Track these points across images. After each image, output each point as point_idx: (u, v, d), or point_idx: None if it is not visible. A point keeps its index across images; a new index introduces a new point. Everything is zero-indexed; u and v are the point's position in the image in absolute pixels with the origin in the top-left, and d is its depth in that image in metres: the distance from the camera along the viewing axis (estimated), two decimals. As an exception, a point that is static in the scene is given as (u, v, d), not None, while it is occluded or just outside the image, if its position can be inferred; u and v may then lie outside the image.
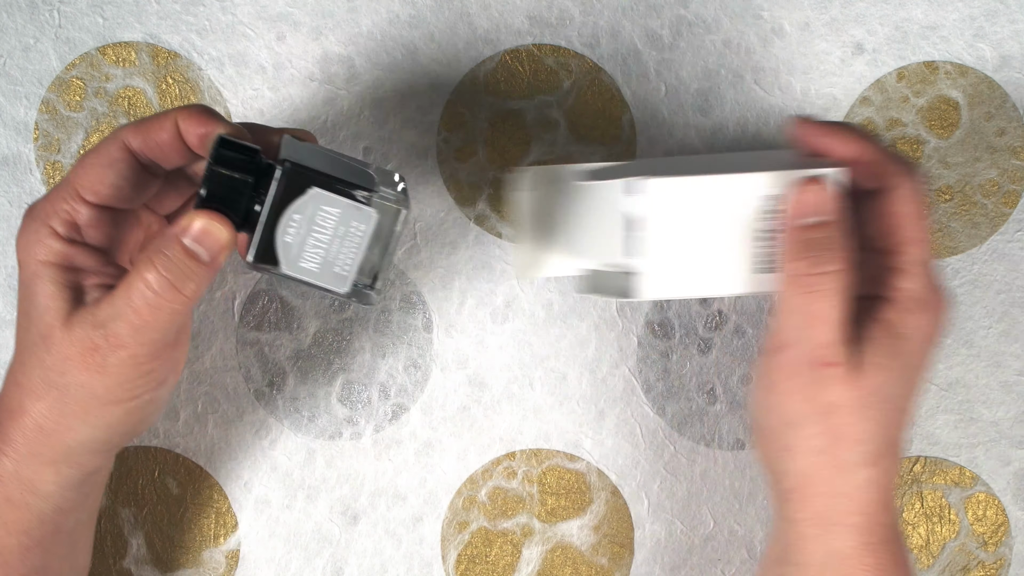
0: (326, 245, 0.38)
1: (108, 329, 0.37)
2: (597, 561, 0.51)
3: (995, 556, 0.52)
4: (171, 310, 0.37)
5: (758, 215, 0.39)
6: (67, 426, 0.39)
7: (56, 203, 0.38)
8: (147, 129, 0.38)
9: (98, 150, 0.39)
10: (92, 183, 0.38)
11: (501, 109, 0.50)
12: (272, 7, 0.50)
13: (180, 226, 0.37)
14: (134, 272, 0.37)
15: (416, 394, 0.51)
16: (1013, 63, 0.51)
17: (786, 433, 0.39)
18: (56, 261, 0.38)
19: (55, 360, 0.38)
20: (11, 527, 0.40)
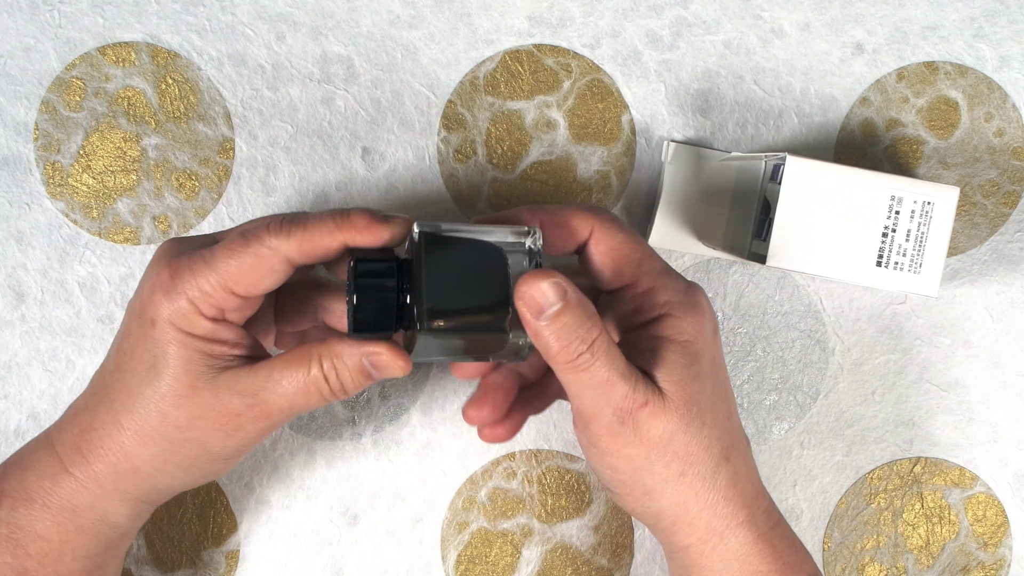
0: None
1: (258, 399, 0.39)
2: (597, 561, 0.51)
3: (995, 557, 0.52)
4: (328, 400, 0.40)
5: (883, 212, 0.43)
6: (166, 472, 0.40)
7: (203, 285, 0.38)
8: (310, 243, 0.38)
9: (258, 256, 0.38)
10: (247, 285, 0.38)
11: (501, 109, 0.50)
12: (272, 7, 0.50)
13: (366, 348, 0.39)
14: (306, 361, 0.39)
15: (416, 394, 0.51)
16: (1013, 63, 0.51)
17: (641, 480, 0.40)
18: (200, 334, 0.39)
19: (182, 416, 0.39)
20: (78, 553, 0.41)
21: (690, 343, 0.40)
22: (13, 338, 0.50)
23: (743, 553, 0.41)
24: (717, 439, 0.40)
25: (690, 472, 0.40)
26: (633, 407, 0.39)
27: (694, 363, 0.39)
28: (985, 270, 0.51)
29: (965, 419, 0.52)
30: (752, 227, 0.46)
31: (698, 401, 0.39)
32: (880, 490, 0.52)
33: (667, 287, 0.40)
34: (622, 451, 0.40)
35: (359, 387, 0.40)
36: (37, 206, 0.50)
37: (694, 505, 0.40)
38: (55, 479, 0.40)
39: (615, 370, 0.38)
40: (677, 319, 0.40)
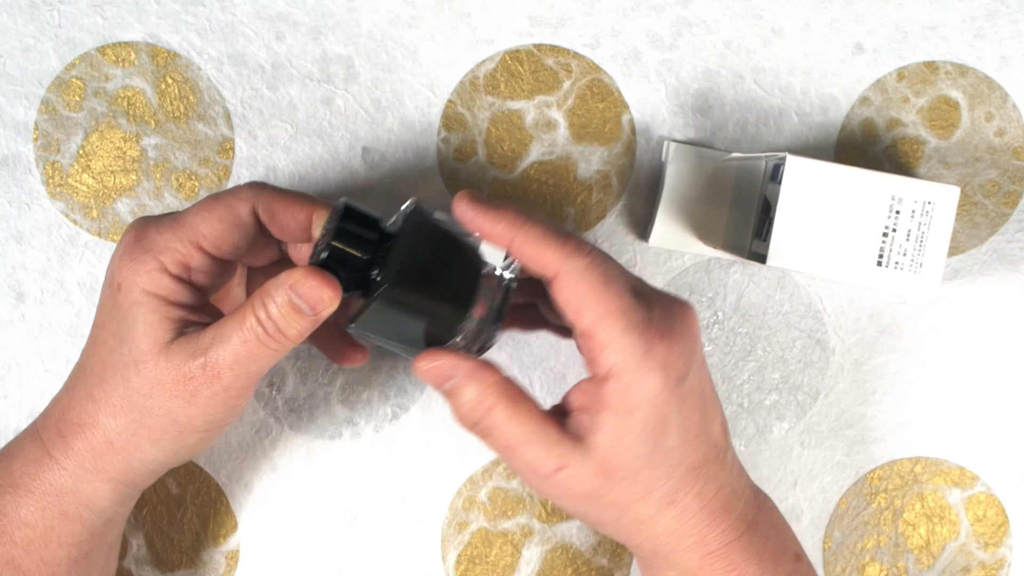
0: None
1: (208, 358, 0.38)
2: (597, 561, 0.51)
3: (995, 556, 0.52)
4: (273, 348, 0.39)
5: (883, 211, 0.43)
6: (137, 446, 0.40)
7: (171, 242, 0.39)
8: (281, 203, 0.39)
9: (228, 205, 0.39)
10: (216, 238, 0.39)
11: (501, 109, 0.50)
12: (271, 6, 0.50)
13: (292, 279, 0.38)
14: (244, 309, 0.39)
15: (416, 394, 0.51)
16: (1013, 63, 0.51)
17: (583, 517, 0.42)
18: (163, 294, 0.39)
19: (143, 383, 0.39)
20: (63, 540, 0.41)
21: (633, 412, 0.38)
22: (13, 338, 0.50)
23: (695, 568, 0.40)
24: (657, 488, 0.39)
25: (627, 517, 0.40)
26: (548, 471, 0.39)
27: (631, 431, 0.38)
28: (985, 270, 0.51)
29: (965, 419, 0.52)
30: (752, 227, 0.46)
31: (629, 463, 0.38)
32: (880, 490, 0.52)
33: (622, 348, 0.37)
34: (556, 501, 0.41)
35: (297, 329, 0.39)
36: (37, 206, 0.50)
37: (636, 537, 0.41)
38: (38, 464, 0.41)
39: (516, 437, 0.38)
40: (623, 386, 0.38)
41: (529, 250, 0.38)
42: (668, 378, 0.38)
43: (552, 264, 0.38)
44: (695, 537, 0.40)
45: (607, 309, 0.37)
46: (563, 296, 0.38)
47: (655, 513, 0.40)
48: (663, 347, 0.38)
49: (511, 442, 0.39)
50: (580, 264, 0.38)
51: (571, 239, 0.38)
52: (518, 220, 0.38)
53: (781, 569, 0.41)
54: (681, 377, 0.38)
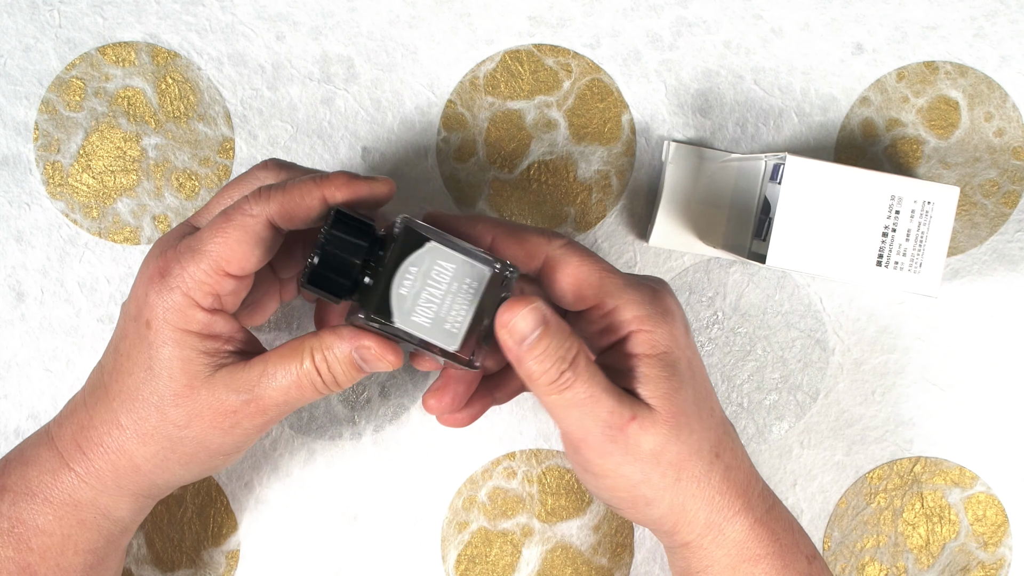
0: (439, 300, 0.38)
1: (254, 395, 0.39)
2: (597, 561, 0.51)
3: (995, 556, 0.52)
4: (322, 393, 0.40)
5: (883, 211, 0.43)
6: (166, 469, 0.41)
7: (196, 274, 0.38)
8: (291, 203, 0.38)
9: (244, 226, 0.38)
10: (239, 260, 0.38)
11: (501, 109, 0.50)
12: (272, 7, 0.50)
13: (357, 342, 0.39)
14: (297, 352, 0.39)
15: (416, 394, 0.51)
16: (1013, 62, 0.51)
17: (640, 492, 0.41)
18: (197, 330, 0.39)
19: (181, 415, 0.39)
20: (80, 547, 0.41)
21: (666, 354, 0.40)
22: (13, 338, 0.50)
23: (741, 539, 0.41)
24: (706, 440, 0.40)
25: (685, 476, 0.40)
26: (621, 422, 0.39)
27: (674, 373, 0.40)
28: (985, 270, 0.51)
29: (965, 419, 0.52)
30: (752, 227, 0.46)
31: (684, 409, 0.40)
32: (880, 489, 0.52)
33: (632, 302, 0.40)
34: (616, 471, 0.40)
35: (351, 380, 0.40)
36: (37, 206, 0.50)
37: (692, 505, 0.41)
38: (56, 474, 0.41)
39: (597, 385, 0.39)
40: (648, 332, 0.40)
41: (512, 243, 0.40)
42: (680, 322, 0.41)
43: (538, 250, 0.40)
44: (742, 500, 0.41)
45: (604, 271, 0.40)
46: (560, 275, 0.40)
47: (707, 468, 0.40)
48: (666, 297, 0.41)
49: (595, 390, 0.38)
50: (562, 244, 0.40)
51: (546, 230, 0.41)
52: (492, 220, 0.40)
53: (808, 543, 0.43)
54: (687, 326, 0.41)
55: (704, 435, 0.40)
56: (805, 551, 0.42)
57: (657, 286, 0.42)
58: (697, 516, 0.41)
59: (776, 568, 0.41)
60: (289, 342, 0.40)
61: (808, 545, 0.43)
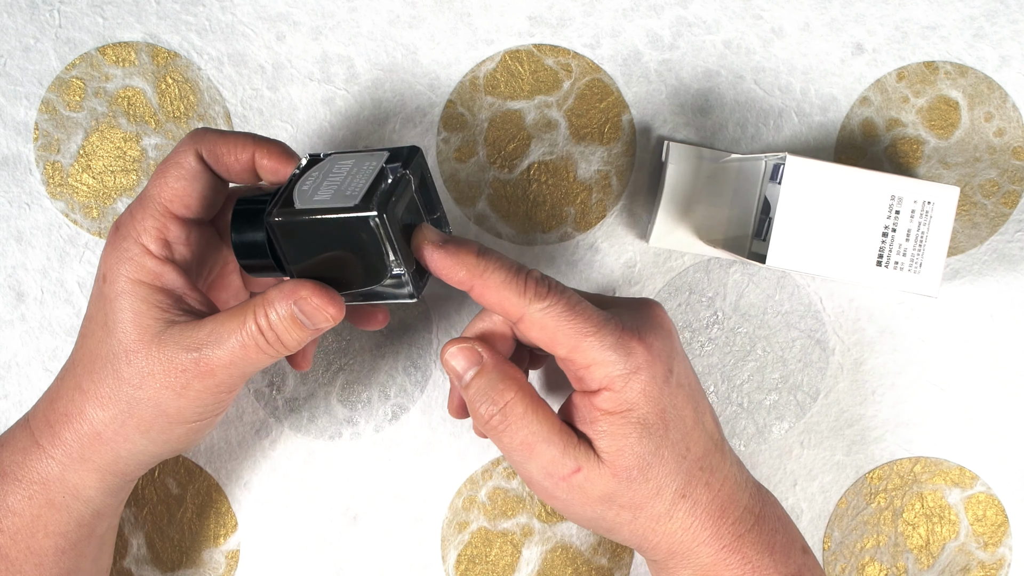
0: (339, 182, 0.38)
1: (202, 354, 0.39)
2: (597, 561, 0.51)
3: (995, 556, 0.52)
4: (269, 355, 0.39)
5: (883, 212, 0.43)
6: (125, 436, 0.40)
7: (144, 220, 0.39)
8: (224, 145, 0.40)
9: (178, 163, 0.40)
10: (180, 196, 0.39)
11: (501, 109, 0.50)
12: (272, 7, 0.50)
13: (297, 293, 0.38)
14: (244, 312, 0.39)
15: (416, 394, 0.51)
16: (1013, 63, 0.51)
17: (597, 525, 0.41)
18: (148, 280, 0.39)
19: (134, 374, 0.39)
20: (49, 529, 0.41)
21: (630, 411, 0.39)
22: (13, 338, 0.50)
23: (709, 563, 0.41)
24: (669, 484, 0.40)
25: (642, 516, 0.40)
26: (564, 472, 0.39)
27: (635, 429, 0.39)
28: (985, 270, 0.51)
29: (965, 419, 0.52)
30: (752, 227, 0.46)
31: (640, 463, 0.39)
32: (880, 490, 0.52)
33: (605, 363, 0.39)
34: (567, 508, 0.40)
35: (296, 339, 0.39)
36: (37, 206, 0.50)
37: (653, 537, 0.41)
38: (26, 452, 0.41)
39: (534, 434, 0.39)
40: (616, 393, 0.39)
41: (491, 297, 0.39)
42: (655, 375, 0.39)
43: (515, 311, 0.39)
44: (709, 531, 0.40)
45: (579, 333, 0.39)
46: (533, 335, 0.39)
47: (669, 508, 0.40)
48: (642, 348, 0.39)
49: (529, 439, 0.39)
50: (540, 306, 0.38)
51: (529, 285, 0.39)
52: (477, 268, 0.39)
53: (791, 562, 0.42)
54: (667, 372, 0.40)
55: (667, 480, 0.40)
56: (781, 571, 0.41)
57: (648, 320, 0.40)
58: (659, 546, 0.41)
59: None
60: (240, 304, 0.40)
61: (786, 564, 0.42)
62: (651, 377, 0.39)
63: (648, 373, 0.39)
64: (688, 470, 0.40)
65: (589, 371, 0.39)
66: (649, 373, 0.39)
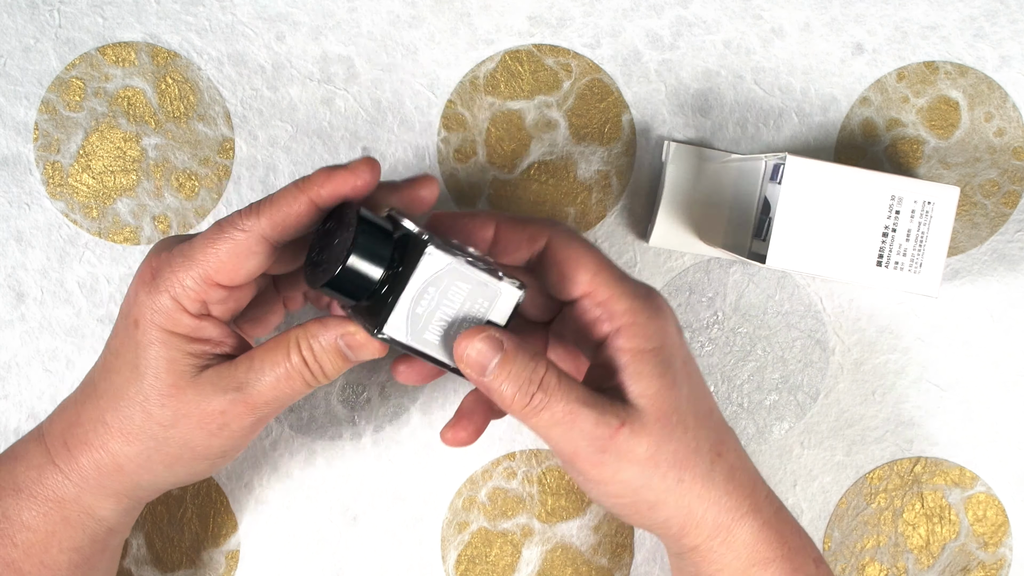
0: (450, 319, 0.38)
1: (243, 393, 0.38)
2: (597, 561, 0.51)
3: (995, 556, 0.52)
4: (311, 385, 0.39)
5: (883, 212, 0.43)
6: (149, 470, 0.40)
7: (184, 279, 0.38)
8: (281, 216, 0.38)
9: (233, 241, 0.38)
10: (228, 272, 0.38)
11: (501, 109, 0.50)
12: (272, 7, 0.50)
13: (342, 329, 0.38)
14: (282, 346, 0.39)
15: (416, 394, 0.51)
16: (1013, 63, 0.51)
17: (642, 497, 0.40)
18: (183, 332, 0.39)
19: (167, 415, 0.39)
20: (64, 544, 0.41)
21: (659, 349, 0.39)
22: (13, 338, 0.50)
23: (751, 542, 0.40)
24: (705, 438, 0.40)
25: (687, 477, 0.39)
26: (610, 432, 0.38)
27: (667, 370, 0.39)
28: (985, 270, 0.51)
29: (965, 419, 0.52)
30: (752, 227, 0.46)
31: (677, 407, 0.39)
32: (880, 490, 0.52)
33: (626, 294, 0.39)
34: (614, 477, 0.39)
35: (339, 370, 0.39)
36: (37, 206, 0.50)
37: (699, 506, 0.40)
38: (41, 470, 0.41)
39: (575, 401, 0.38)
40: (641, 326, 0.39)
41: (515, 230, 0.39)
42: (672, 321, 0.40)
43: (540, 234, 0.40)
44: (748, 501, 0.40)
45: (602, 262, 0.40)
46: (559, 258, 0.39)
47: (709, 468, 0.40)
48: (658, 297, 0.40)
49: (570, 406, 0.37)
50: (566, 229, 0.40)
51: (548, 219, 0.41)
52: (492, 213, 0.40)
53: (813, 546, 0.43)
54: (679, 327, 0.41)
55: (702, 433, 0.40)
56: (812, 554, 0.42)
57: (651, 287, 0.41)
58: (705, 518, 0.40)
59: (785, 571, 0.41)
60: (274, 337, 0.39)
61: (813, 548, 0.43)
62: (671, 321, 0.40)
63: (669, 316, 0.40)
64: (716, 428, 0.40)
65: (611, 302, 0.39)
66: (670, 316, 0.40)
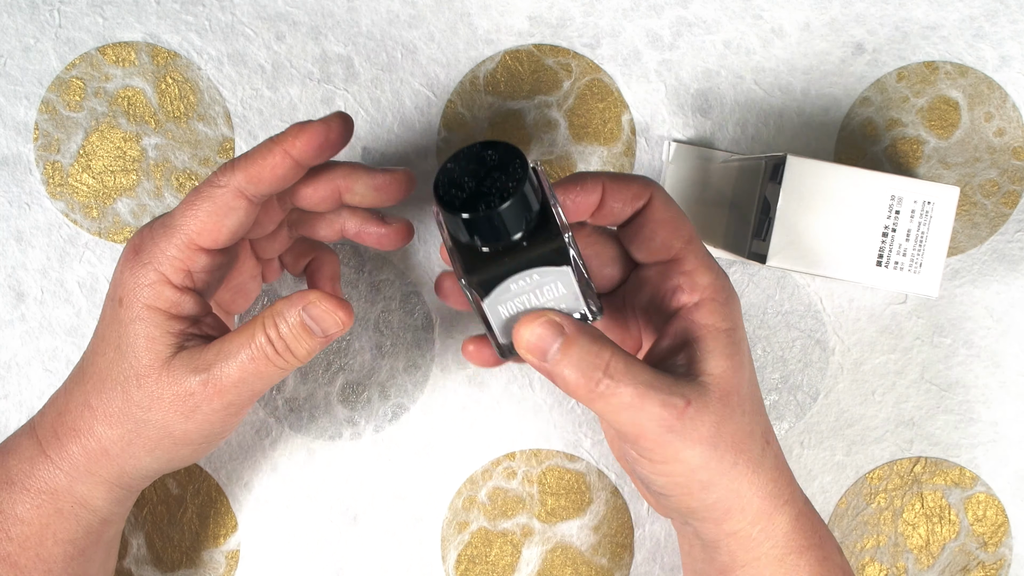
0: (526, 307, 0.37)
1: (211, 374, 0.38)
2: (597, 561, 0.51)
3: (995, 556, 0.52)
4: (280, 367, 0.39)
5: (883, 211, 0.43)
6: (132, 454, 0.40)
7: (167, 249, 0.38)
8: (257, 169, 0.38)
9: (212, 198, 0.38)
10: (211, 233, 0.38)
11: (501, 109, 0.50)
12: (271, 6, 0.50)
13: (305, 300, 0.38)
14: (252, 328, 0.38)
15: (416, 394, 0.51)
16: (1013, 63, 0.51)
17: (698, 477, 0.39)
18: (165, 307, 0.39)
19: (143, 397, 0.39)
20: (58, 536, 0.41)
21: (732, 330, 0.39)
22: (13, 338, 0.50)
23: (788, 530, 0.40)
24: (759, 424, 0.40)
25: (742, 460, 0.39)
26: (677, 412, 0.37)
27: (737, 352, 0.39)
28: (985, 270, 0.51)
29: (965, 419, 0.52)
30: (752, 227, 0.46)
31: (739, 389, 0.38)
32: (880, 490, 0.52)
33: (711, 269, 0.39)
34: (676, 456, 0.38)
35: (306, 348, 0.39)
36: (37, 206, 0.50)
37: (747, 491, 0.39)
38: (33, 461, 0.41)
39: (642, 384, 0.36)
40: (720, 304, 0.39)
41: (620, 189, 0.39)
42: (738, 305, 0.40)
43: (644, 191, 0.39)
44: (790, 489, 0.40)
45: (693, 234, 0.40)
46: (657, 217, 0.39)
47: (761, 454, 0.39)
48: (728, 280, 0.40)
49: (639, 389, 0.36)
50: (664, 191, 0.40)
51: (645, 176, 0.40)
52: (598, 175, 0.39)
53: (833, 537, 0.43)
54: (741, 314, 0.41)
55: (756, 419, 0.40)
56: (836, 545, 0.42)
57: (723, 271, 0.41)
58: (751, 502, 0.40)
59: (819, 559, 0.41)
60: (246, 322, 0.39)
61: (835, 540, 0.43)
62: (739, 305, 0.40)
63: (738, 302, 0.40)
64: (766, 420, 0.40)
65: (695, 274, 0.39)
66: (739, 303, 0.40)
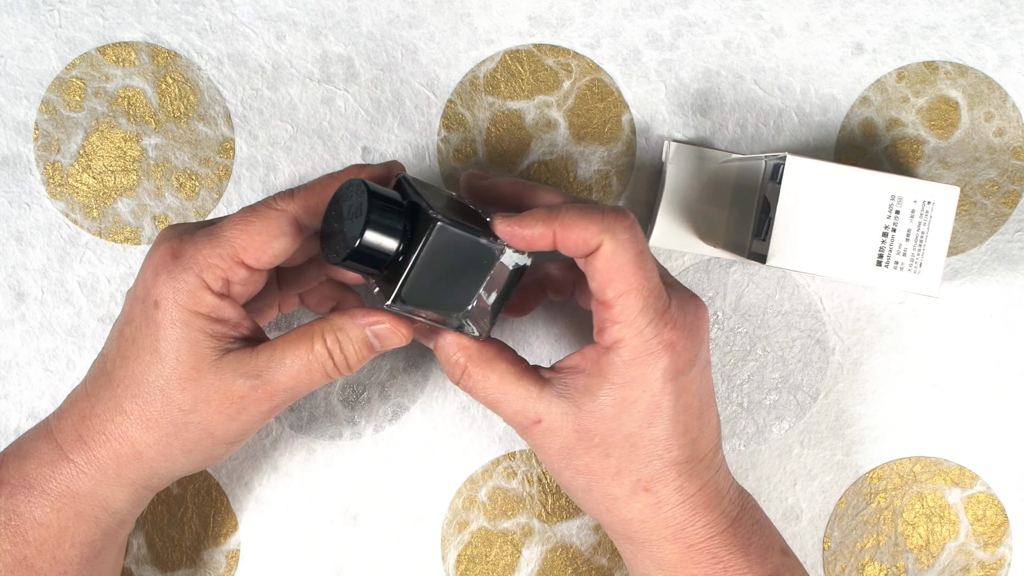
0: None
1: (263, 380, 0.39)
2: (597, 561, 0.51)
3: (995, 556, 0.52)
4: (332, 377, 0.40)
5: (883, 211, 0.43)
6: (168, 456, 0.41)
7: (211, 258, 0.39)
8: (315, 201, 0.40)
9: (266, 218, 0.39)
10: (257, 252, 0.39)
11: (501, 109, 0.50)
12: (272, 7, 0.50)
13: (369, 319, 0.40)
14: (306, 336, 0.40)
15: (416, 394, 0.51)
16: (1013, 63, 0.51)
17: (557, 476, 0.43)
18: (205, 312, 0.39)
19: (186, 399, 0.39)
20: (76, 540, 0.41)
21: (626, 386, 0.39)
22: (13, 338, 0.50)
23: (675, 561, 0.41)
24: (632, 471, 0.40)
25: (596, 490, 0.40)
26: (525, 423, 0.40)
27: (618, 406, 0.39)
28: (985, 270, 0.51)
29: (965, 419, 0.52)
30: (752, 227, 0.46)
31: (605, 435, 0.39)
32: (880, 489, 0.52)
33: (634, 326, 0.38)
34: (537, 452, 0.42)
35: (362, 360, 0.40)
36: (37, 206, 0.50)
37: (607, 517, 0.41)
38: (54, 466, 0.41)
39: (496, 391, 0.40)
40: (624, 361, 0.39)
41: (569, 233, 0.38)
42: (669, 368, 0.39)
43: (593, 240, 0.38)
44: (672, 530, 0.40)
45: (632, 287, 0.38)
46: (596, 265, 0.38)
47: (628, 496, 0.40)
48: (671, 336, 0.39)
49: (488, 399, 0.41)
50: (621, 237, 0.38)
51: (608, 212, 0.38)
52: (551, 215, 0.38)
53: (768, 562, 0.41)
54: (681, 371, 0.39)
55: (631, 466, 0.40)
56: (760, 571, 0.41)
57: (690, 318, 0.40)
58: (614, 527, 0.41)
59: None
60: (296, 329, 0.40)
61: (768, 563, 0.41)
62: (664, 369, 0.39)
63: (663, 363, 0.39)
64: (660, 469, 0.40)
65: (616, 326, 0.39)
66: (664, 363, 0.39)
